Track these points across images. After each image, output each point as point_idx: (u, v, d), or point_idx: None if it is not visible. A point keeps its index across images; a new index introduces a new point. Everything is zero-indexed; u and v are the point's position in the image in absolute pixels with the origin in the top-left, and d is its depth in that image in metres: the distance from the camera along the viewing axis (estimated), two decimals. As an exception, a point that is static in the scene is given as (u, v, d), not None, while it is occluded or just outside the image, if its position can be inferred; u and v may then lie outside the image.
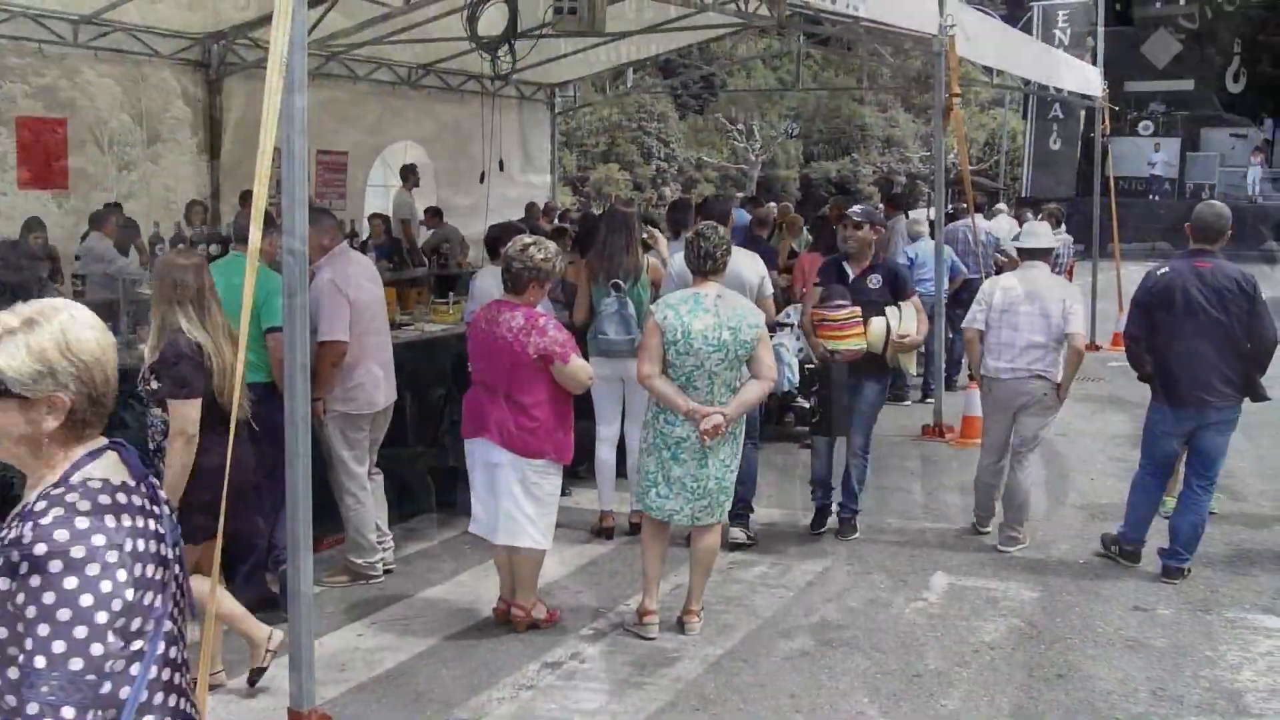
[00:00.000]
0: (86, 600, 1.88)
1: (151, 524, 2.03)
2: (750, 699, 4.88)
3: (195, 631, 3.06)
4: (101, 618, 1.89)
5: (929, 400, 10.51)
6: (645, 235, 7.45)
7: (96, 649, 1.89)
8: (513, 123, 15.80)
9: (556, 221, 14.42)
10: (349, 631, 5.62)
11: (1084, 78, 15.20)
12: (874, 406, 7.01)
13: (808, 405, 9.54)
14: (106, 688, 1.90)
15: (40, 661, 1.86)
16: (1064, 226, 12.73)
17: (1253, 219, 26.39)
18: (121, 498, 2.01)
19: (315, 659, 4.37)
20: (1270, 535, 7.12)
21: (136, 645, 1.94)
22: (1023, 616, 5.83)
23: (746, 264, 6.82)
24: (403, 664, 5.24)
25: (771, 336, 9.04)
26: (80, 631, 1.88)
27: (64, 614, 1.87)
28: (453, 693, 4.95)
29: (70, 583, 1.88)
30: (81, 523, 1.92)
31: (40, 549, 1.89)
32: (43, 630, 1.87)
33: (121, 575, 1.93)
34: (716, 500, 5.46)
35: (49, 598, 1.87)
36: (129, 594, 1.93)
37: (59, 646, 1.87)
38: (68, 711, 1.86)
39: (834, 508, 7.17)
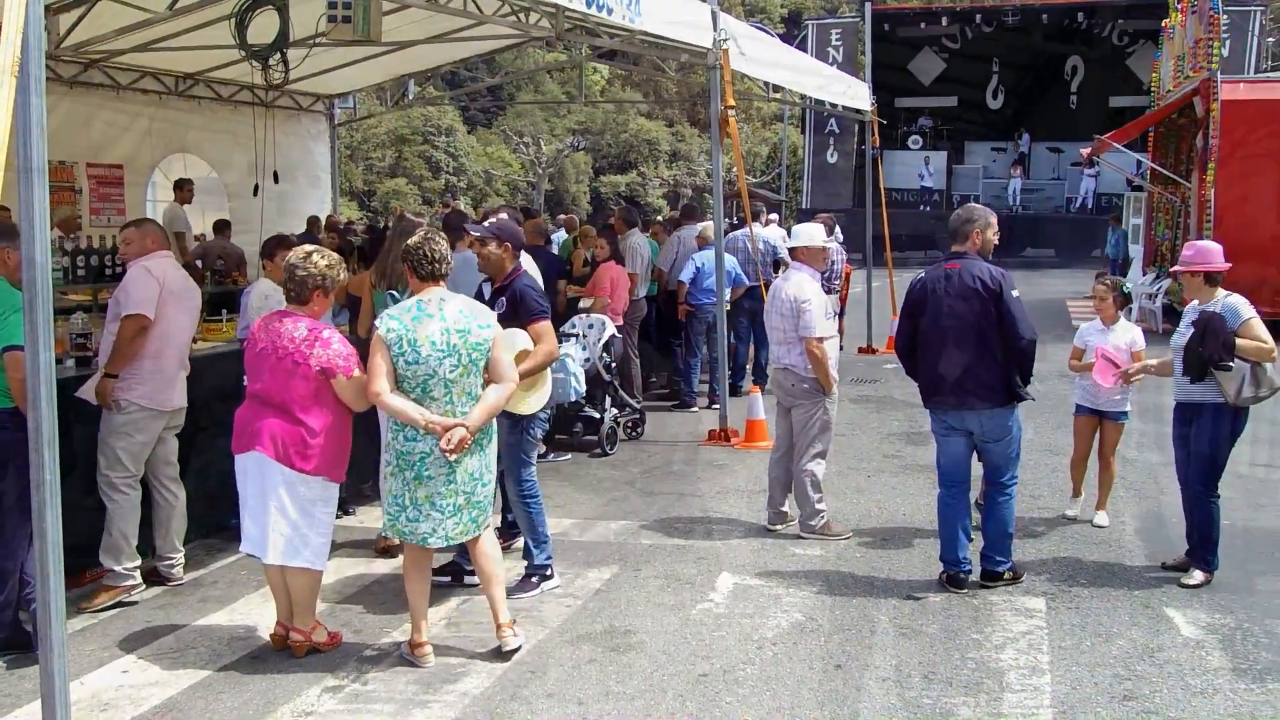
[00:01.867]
0: None
1: None
2: (538, 709, 4.85)
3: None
4: None
5: (715, 406, 10.72)
6: None
7: None
8: (290, 134, 15.35)
9: (341, 234, 14.07)
10: (114, 668, 5.30)
11: (855, 94, 15.84)
12: (510, 447, 6.13)
13: (597, 415, 9.64)
14: None
15: None
16: (838, 233, 13.26)
17: (1014, 228, 28.13)
18: None
19: (72, 700, 4.09)
20: (1030, 524, 7.52)
21: None
22: (804, 611, 5.99)
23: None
24: (173, 698, 4.97)
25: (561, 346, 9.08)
26: None
27: None
28: (227, 725, 4.73)
29: None
30: None
31: None
32: None
33: None
34: (470, 516, 5.25)
35: None
36: None
37: None
38: None
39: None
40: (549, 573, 6.36)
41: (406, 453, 5.16)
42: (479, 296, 6.18)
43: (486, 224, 6.66)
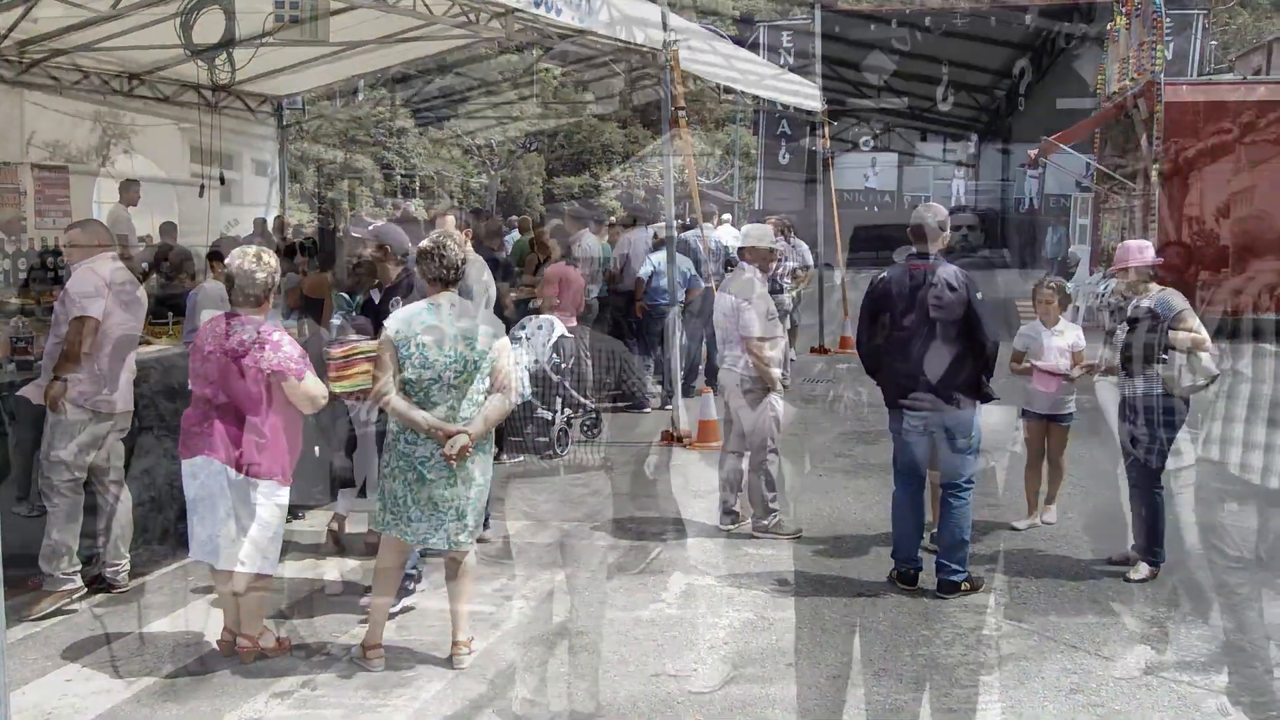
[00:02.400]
0: None
1: None
2: (489, 713, 4.82)
3: None
4: None
5: (668, 407, 10.72)
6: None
7: None
8: (238, 135, 15.18)
9: (290, 237, 13.96)
10: (57, 677, 5.21)
11: (806, 95, 15.93)
12: None
13: (549, 417, 9.62)
14: None
15: None
16: (793, 234, 13.31)
17: (961, 229, 28.42)
18: None
19: (14, 710, 4.03)
20: (978, 520, 7.54)
21: None
22: (756, 610, 6.00)
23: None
24: (116, 707, 4.89)
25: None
26: None
27: None
28: (173, 733, 4.67)
29: None
30: None
31: None
32: None
33: None
34: (471, 519, 5.26)
35: None
36: None
37: None
38: None
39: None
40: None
41: (408, 455, 5.15)
42: (368, 303, 6.27)
43: (369, 230, 6.66)
